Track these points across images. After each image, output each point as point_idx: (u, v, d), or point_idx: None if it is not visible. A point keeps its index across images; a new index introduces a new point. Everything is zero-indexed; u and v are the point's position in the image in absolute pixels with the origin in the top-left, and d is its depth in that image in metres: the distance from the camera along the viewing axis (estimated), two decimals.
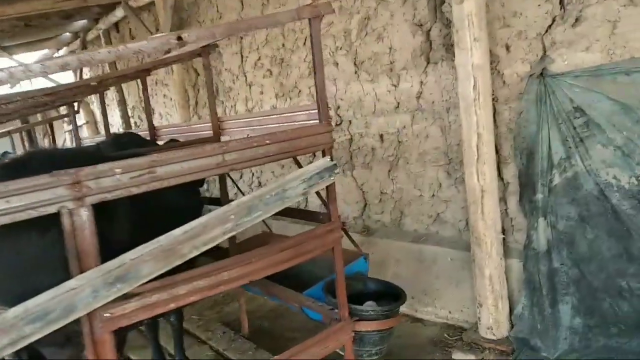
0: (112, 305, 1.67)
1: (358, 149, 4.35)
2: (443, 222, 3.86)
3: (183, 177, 1.81)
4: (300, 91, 4.78)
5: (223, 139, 3.25)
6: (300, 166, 2.44)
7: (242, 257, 1.98)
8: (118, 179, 1.67)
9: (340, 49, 4.27)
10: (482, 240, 3.24)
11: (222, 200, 3.26)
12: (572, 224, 3.01)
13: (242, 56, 5.40)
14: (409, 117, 3.85)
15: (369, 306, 2.44)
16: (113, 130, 8.04)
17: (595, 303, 2.98)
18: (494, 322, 3.32)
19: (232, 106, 5.77)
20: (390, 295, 2.77)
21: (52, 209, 1.54)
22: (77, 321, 1.59)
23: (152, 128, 4.00)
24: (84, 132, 10.69)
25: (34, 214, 1.51)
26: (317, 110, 2.23)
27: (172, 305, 1.80)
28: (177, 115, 6.29)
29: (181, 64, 6.15)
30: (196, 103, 6.38)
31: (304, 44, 4.61)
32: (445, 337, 3.75)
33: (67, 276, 1.58)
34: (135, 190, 1.71)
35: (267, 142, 2.03)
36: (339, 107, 4.42)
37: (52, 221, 1.56)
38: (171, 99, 6.75)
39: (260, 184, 5.63)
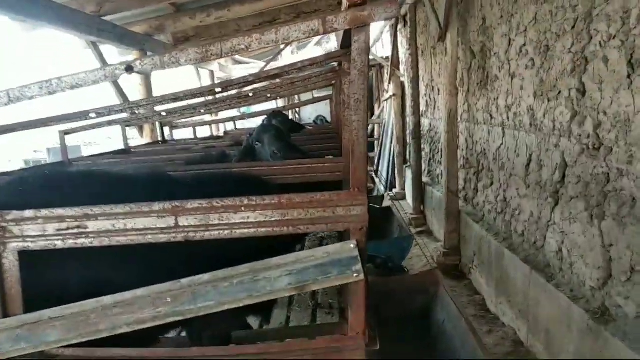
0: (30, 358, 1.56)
1: (614, 192, 2.86)
2: None
3: (118, 237, 1.48)
4: (559, 92, 3.45)
5: None
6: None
7: (181, 352, 1.53)
8: (43, 229, 1.48)
9: (614, 37, 2.79)
10: None
11: None
12: None
13: (509, 39, 4.28)
14: None
15: None
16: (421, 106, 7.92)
17: None
18: None
19: (494, 99, 4.73)
20: None
21: None
22: None
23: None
24: (387, 107, 11.03)
25: None
26: (346, 170, 1.45)
27: None
28: (441, 101, 5.62)
29: (457, 43, 5.41)
30: (468, 90, 5.54)
31: (572, 27, 3.23)
32: None
33: None
34: (60, 245, 1.49)
35: (242, 207, 1.45)
36: (599, 125, 2.97)
37: None
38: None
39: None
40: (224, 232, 1.47)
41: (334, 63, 3.87)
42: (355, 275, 1.45)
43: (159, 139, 5.64)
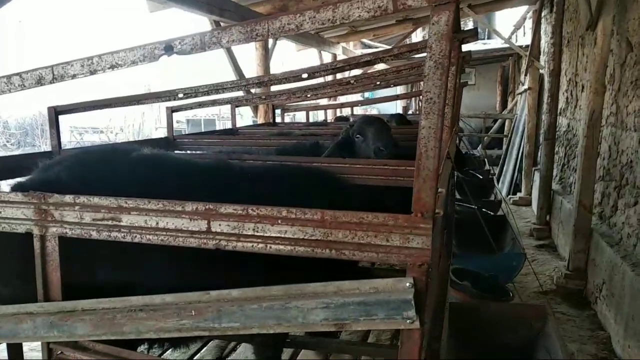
0: (65, 347, 1.51)
1: None
2: None
3: (149, 235, 1.35)
4: None
5: None
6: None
7: None
8: (80, 217, 1.40)
9: None
10: None
11: None
12: None
13: None
14: None
15: None
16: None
17: None
18: None
19: None
20: None
21: (20, 229, 1.47)
22: None
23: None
24: (520, 102, 10.00)
25: (7, 228, 1.49)
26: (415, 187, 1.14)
27: None
28: (584, 99, 4.80)
29: (611, 32, 4.57)
30: (618, 88, 4.68)
31: None
32: None
33: None
34: (95, 235, 1.40)
35: (279, 220, 1.23)
36: None
37: None
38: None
39: None
40: (258, 246, 1.26)
41: None
42: (408, 321, 1.15)
43: (270, 120, 5.66)
